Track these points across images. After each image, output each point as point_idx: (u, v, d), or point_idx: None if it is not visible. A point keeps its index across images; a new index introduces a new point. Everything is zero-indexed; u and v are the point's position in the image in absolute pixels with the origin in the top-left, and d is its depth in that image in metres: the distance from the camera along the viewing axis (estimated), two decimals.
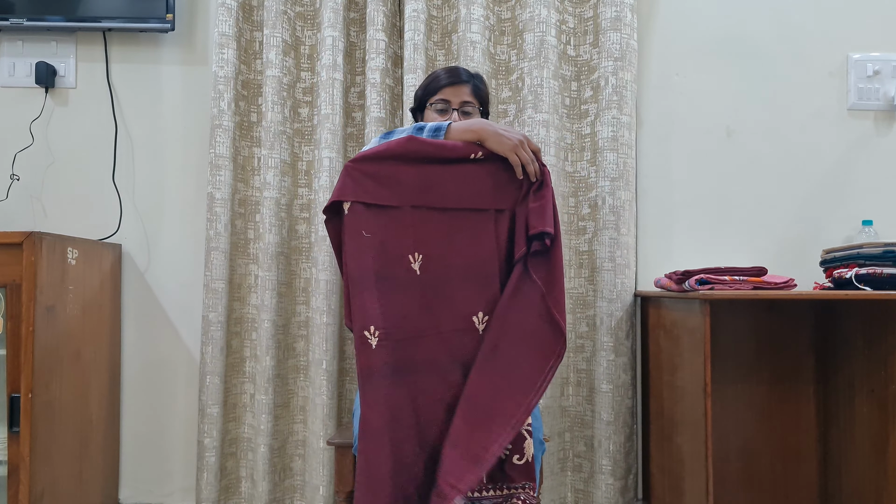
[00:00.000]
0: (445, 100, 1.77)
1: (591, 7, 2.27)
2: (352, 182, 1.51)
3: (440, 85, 1.77)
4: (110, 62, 2.34)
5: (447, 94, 1.77)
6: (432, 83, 1.79)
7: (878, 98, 2.35)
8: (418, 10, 2.19)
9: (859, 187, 2.33)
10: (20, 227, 2.25)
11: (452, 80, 1.77)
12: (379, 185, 1.51)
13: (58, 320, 1.91)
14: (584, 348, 2.25)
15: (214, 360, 2.17)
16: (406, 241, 1.51)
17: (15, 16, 2.23)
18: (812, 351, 2.25)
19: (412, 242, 1.51)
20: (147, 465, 2.31)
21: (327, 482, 2.15)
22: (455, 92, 1.77)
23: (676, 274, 1.94)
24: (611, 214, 2.19)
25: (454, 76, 1.78)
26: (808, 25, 2.35)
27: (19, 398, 1.77)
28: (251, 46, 2.30)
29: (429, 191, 1.53)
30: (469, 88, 1.78)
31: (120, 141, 2.34)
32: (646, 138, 2.33)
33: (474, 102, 1.79)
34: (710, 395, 1.73)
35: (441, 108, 1.77)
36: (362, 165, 1.52)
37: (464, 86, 1.77)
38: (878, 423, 1.96)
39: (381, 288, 1.48)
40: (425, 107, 1.80)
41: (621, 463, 2.17)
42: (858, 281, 1.90)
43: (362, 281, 1.47)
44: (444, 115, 1.77)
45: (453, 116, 1.76)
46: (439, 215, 1.53)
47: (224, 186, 2.20)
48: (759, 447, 2.24)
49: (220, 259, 2.19)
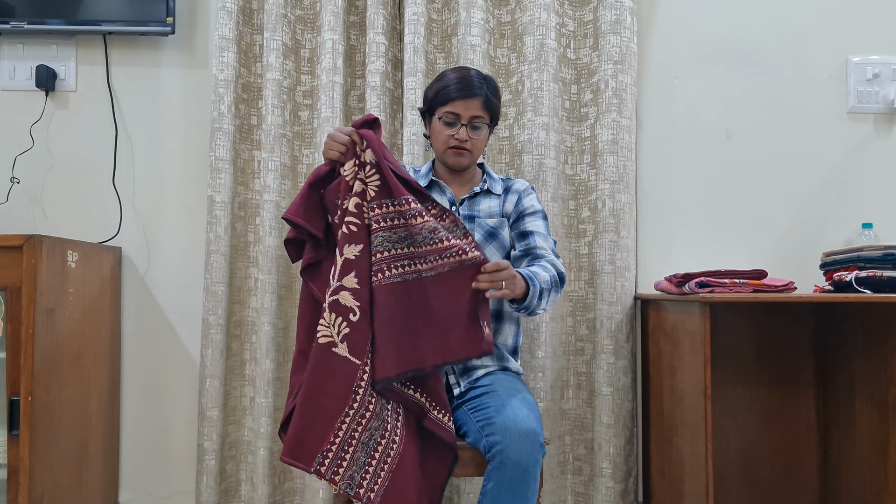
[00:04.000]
0: (455, 113, 1.75)
1: (591, 10, 2.27)
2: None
3: (450, 97, 1.75)
4: (111, 65, 2.34)
5: (457, 107, 1.75)
6: (443, 92, 1.77)
7: (877, 101, 2.35)
8: (418, 13, 2.19)
9: (859, 190, 2.33)
10: (20, 230, 2.25)
11: (463, 94, 1.74)
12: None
13: (58, 323, 1.91)
14: (584, 351, 2.25)
15: (214, 363, 2.17)
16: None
17: (15, 19, 2.23)
18: (812, 354, 2.25)
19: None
20: (147, 468, 2.31)
21: (327, 485, 2.15)
22: (466, 106, 1.75)
23: (676, 277, 1.94)
24: (611, 217, 2.19)
25: (465, 90, 1.75)
26: (808, 28, 2.35)
27: (19, 401, 1.77)
28: (251, 50, 2.31)
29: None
30: (480, 102, 1.76)
31: (120, 144, 2.34)
32: (645, 141, 2.33)
33: (485, 117, 1.78)
34: (710, 397, 1.73)
35: (450, 122, 1.76)
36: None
37: (475, 99, 1.75)
38: (879, 426, 1.96)
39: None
40: (434, 112, 1.79)
41: (621, 466, 2.17)
42: (858, 284, 1.91)
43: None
44: (452, 129, 1.76)
45: (461, 132, 1.75)
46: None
47: (224, 189, 2.20)
48: (759, 450, 2.24)
49: (221, 262, 2.19)
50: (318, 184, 1.64)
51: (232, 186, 2.23)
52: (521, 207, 1.85)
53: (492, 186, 1.88)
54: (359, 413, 1.53)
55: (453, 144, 1.77)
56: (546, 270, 1.70)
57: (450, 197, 1.85)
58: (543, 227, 1.84)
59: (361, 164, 1.60)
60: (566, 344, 2.25)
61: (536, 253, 1.78)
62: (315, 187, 1.64)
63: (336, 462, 1.51)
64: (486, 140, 1.83)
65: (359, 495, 1.51)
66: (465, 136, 1.77)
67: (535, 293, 1.62)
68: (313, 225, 1.62)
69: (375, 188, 1.60)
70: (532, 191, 1.91)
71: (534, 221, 1.84)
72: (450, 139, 1.77)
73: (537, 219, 1.84)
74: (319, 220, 1.64)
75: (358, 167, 1.60)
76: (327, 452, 1.51)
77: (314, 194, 1.64)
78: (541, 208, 1.87)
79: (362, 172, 1.60)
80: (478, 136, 1.79)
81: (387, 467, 1.54)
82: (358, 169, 1.60)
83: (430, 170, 1.89)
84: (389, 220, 1.59)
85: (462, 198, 1.86)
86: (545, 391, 2.16)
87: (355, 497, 1.51)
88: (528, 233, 1.82)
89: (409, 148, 2.17)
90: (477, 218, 1.83)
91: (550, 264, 1.74)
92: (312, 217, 1.62)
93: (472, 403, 1.69)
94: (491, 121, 1.82)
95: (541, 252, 1.78)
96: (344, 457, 1.51)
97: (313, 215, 1.63)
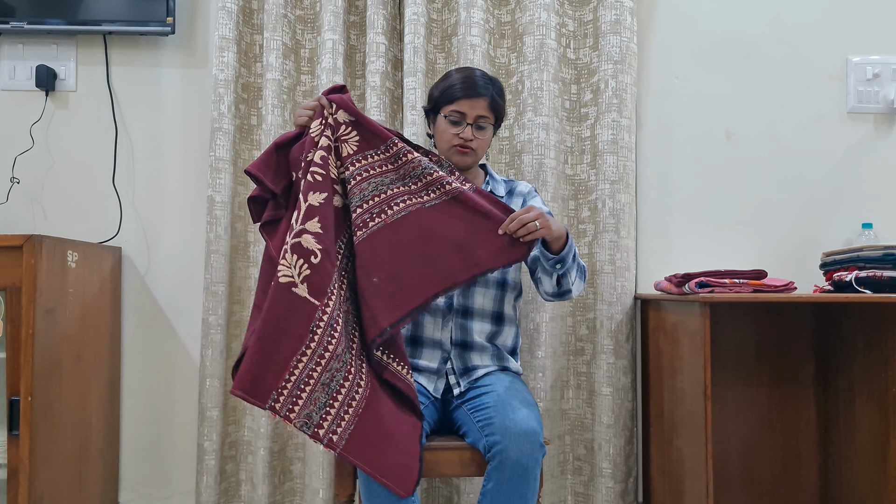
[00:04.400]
0: (461, 112, 1.76)
1: (591, 10, 2.27)
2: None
3: (456, 96, 1.75)
4: (111, 65, 2.34)
5: (463, 106, 1.76)
6: (448, 91, 1.77)
7: (877, 101, 2.35)
8: (418, 13, 2.19)
9: (859, 190, 2.33)
10: (20, 230, 2.25)
11: (469, 93, 1.75)
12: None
13: (58, 323, 1.91)
14: (584, 351, 2.25)
15: (214, 363, 2.17)
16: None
17: (15, 19, 2.23)
18: (812, 354, 2.25)
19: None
20: (147, 468, 2.31)
21: (327, 485, 2.15)
22: (471, 105, 1.76)
23: (676, 277, 1.94)
24: (611, 217, 2.19)
25: (471, 89, 1.75)
26: (808, 28, 2.35)
27: (19, 401, 1.77)
28: (251, 50, 2.31)
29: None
30: (486, 102, 1.76)
31: (120, 144, 2.34)
32: (645, 141, 2.33)
33: (490, 117, 1.78)
34: (710, 397, 1.73)
35: (455, 121, 1.76)
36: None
37: (481, 99, 1.76)
38: (879, 426, 1.96)
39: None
40: (439, 111, 1.79)
41: (621, 466, 2.17)
42: (858, 284, 1.91)
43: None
44: (457, 128, 1.76)
45: (466, 131, 1.75)
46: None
47: (224, 189, 2.20)
48: (759, 450, 2.24)
49: (221, 262, 2.19)
50: (285, 146, 1.68)
51: (232, 186, 2.23)
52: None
53: (494, 188, 1.88)
54: (317, 353, 1.51)
55: (458, 143, 1.77)
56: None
57: None
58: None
59: (332, 125, 1.66)
60: (566, 344, 2.25)
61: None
62: (281, 148, 1.68)
63: (291, 399, 1.48)
64: (490, 140, 1.84)
65: (318, 436, 1.48)
66: (470, 136, 1.76)
67: (572, 247, 1.67)
68: (273, 182, 1.65)
69: (356, 143, 1.66)
70: (536, 193, 1.92)
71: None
72: (454, 138, 1.77)
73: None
74: (280, 179, 1.67)
75: (325, 126, 1.65)
76: (282, 389, 1.48)
77: (280, 155, 1.67)
78: (547, 210, 1.87)
79: (334, 132, 1.66)
80: (482, 135, 1.79)
81: (351, 410, 1.52)
82: (324, 128, 1.65)
83: None
84: (379, 168, 1.66)
85: None
86: (545, 391, 2.16)
87: (314, 438, 1.48)
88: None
89: None
90: None
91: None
92: (273, 174, 1.65)
93: (472, 403, 1.69)
94: (496, 121, 1.82)
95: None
96: (300, 395, 1.49)
97: (274, 172, 1.65)
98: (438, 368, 1.77)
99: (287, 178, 1.68)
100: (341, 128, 1.65)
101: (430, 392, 1.76)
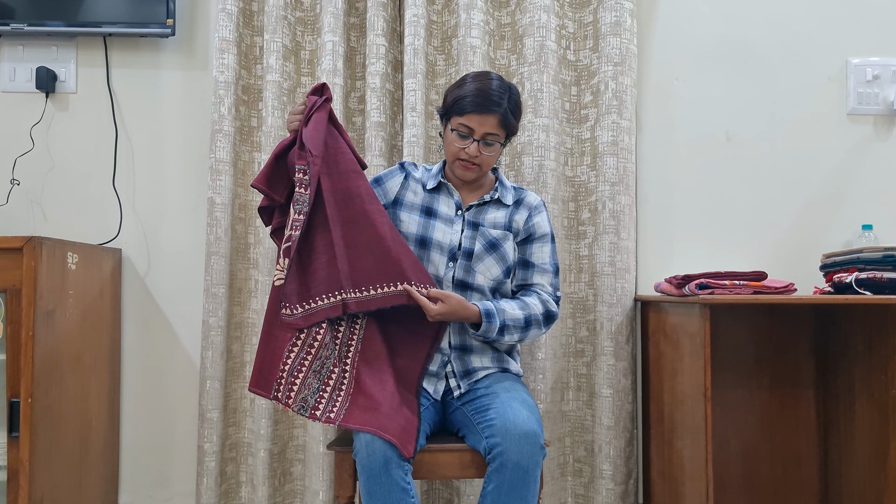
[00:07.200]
0: (469, 127, 1.72)
1: (591, 12, 2.27)
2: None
3: (466, 109, 1.71)
4: (111, 67, 2.34)
5: (472, 121, 1.71)
6: (459, 102, 1.72)
7: (877, 103, 2.35)
8: (418, 15, 2.20)
9: (859, 192, 2.33)
10: (20, 232, 2.25)
11: (480, 109, 1.70)
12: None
13: (58, 325, 1.91)
14: (584, 353, 2.25)
15: (214, 364, 2.17)
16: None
17: (16, 21, 2.23)
18: (812, 355, 2.25)
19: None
20: (147, 470, 2.31)
21: (327, 487, 2.15)
22: (481, 121, 1.71)
23: (676, 278, 1.94)
24: (611, 219, 2.19)
25: (483, 105, 1.70)
26: (808, 30, 2.35)
27: (19, 403, 1.77)
28: (251, 51, 2.31)
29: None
30: (497, 119, 1.71)
31: (120, 146, 2.34)
32: (646, 143, 2.33)
33: (499, 134, 1.74)
34: (710, 399, 1.73)
35: (463, 135, 1.73)
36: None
37: (492, 116, 1.71)
38: (879, 428, 1.96)
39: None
40: (450, 119, 1.75)
41: (622, 468, 2.17)
42: (858, 285, 1.90)
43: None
44: (464, 142, 1.73)
45: (472, 147, 1.72)
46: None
47: (224, 191, 2.20)
48: (759, 452, 2.24)
49: (221, 264, 2.19)
50: (283, 154, 1.74)
51: (232, 188, 2.23)
52: (531, 228, 1.83)
53: (502, 196, 1.84)
54: (307, 343, 1.64)
55: (463, 157, 1.75)
56: (525, 308, 1.74)
57: (457, 201, 1.83)
58: (549, 254, 1.83)
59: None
60: (566, 346, 2.25)
61: (531, 289, 1.81)
62: (281, 158, 1.74)
63: (288, 387, 1.63)
64: (497, 156, 1.80)
65: (315, 416, 1.61)
66: (475, 153, 1.73)
67: (491, 328, 1.69)
68: (276, 192, 1.74)
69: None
70: (544, 209, 1.87)
71: (540, 249, 1.83)
72: (460, 151, 1.74)
73: (545, 244, 1.83)
74: (283, 188, 1.75)
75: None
76: (280, 379, 1.63)
77: (279, 164, 1.74)
78: (549, 230, 1.85)
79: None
80: (489, 152, 1.75)
81: (343, 393, 1.64)
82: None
83: (440, 171, 1.85)
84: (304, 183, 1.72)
85: (470, 204, 1.83)
86: (545, 393, 2.16)
87: (312, 418, 1.61)
88: (529, 264, 1.82)
89: (409, 150, 2.17)
90: (481, 227, 1.81)
91: (540, 301, 1.77)
92: (276, 184, 1.74)
93: (473, 405, 1.69)
94: (506, 138, 1.79)
95: (535, 288, 1.81)
96: (294, 381, 1.63)
97: (276, 182, 1.74)
98: (438, 371, 1.77)
99: (289, 185, 1.74)
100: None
101: (431, 394, 1.76)
